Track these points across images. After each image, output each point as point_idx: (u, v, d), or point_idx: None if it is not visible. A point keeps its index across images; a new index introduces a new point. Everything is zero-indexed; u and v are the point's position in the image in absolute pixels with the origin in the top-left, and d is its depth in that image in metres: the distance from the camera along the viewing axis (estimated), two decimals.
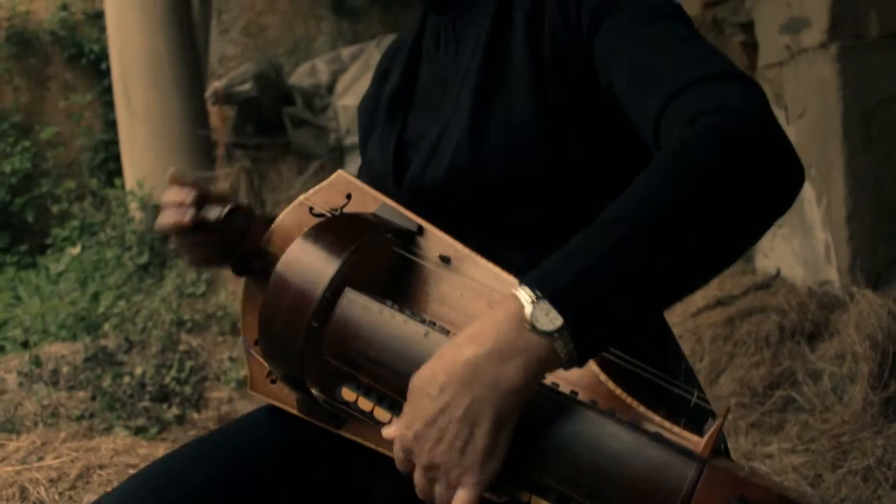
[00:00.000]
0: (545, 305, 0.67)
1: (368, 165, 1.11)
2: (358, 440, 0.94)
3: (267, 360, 0.91)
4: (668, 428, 0.72)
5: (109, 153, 7.45)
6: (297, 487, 0.98)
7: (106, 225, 5.65)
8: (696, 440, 0.70)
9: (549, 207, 0.95)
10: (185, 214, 0.94)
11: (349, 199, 0.99)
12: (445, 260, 0.91)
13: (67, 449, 2.10)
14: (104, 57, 7.04)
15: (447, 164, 0.95)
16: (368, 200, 0.97)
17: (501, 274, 0.88)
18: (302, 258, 0.84)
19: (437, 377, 0.70)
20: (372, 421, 0.83)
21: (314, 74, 5.92)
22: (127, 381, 3.12)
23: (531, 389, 0.69)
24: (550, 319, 0.67)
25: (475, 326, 0.70)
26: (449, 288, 0.90)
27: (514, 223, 0.97)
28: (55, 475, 1.93)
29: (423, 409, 0.70)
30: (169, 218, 0.96)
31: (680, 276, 0.71)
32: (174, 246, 1.22)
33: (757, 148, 0.74)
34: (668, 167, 0.73)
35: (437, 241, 0.92)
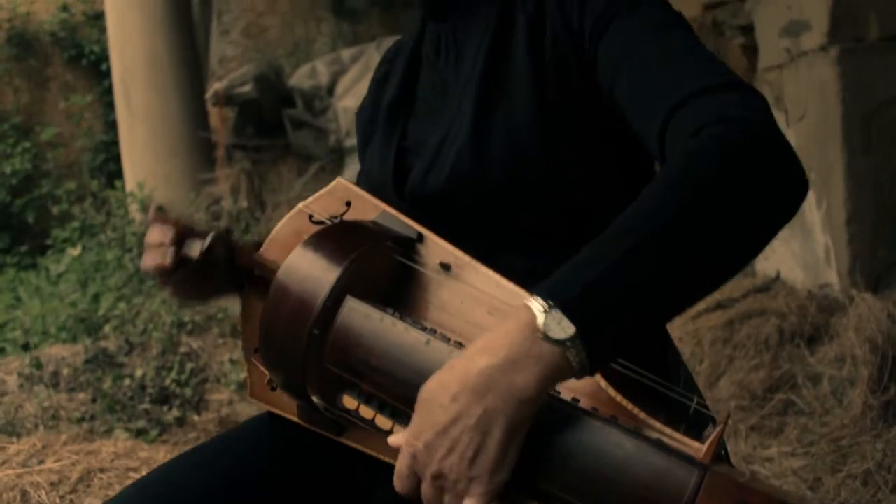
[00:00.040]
0: (557, 314, 0.68)
1: (368, 172, 1.11)
2: (358, 447, 0.93)
3: (267, 367, 0.90)
4: (668, 434, 0.72)
5: (110, 154, 7.45)
6: (297, 494, 0.98)
7: (106, 226, 5.66)
8: (696, 446, 0.70)
9: (549, 214, 0.95)
10: (166, 255, 0.94)
11: (349, 206, 0.99)
12: (446, 267, 0.91)
13: (68, 452, 2.11)
14: (104, 58, 7.05)
15: (449, 170, 0.95)
16: (368, 208, 0.97)
17: (502, 281, 0.87)
18: (302, 266, 0.84)
19: (449, 387, 0.70)
20: (373, 429, 0.83)
21: (314, 76, 5.92)
22: (127, 383, 3.12)
23: (542, 399, 0.70)
24: (563, 328, 0.67)
25: (487, 337, 0.70)
26: (449, 295, 0.90)
27: (514, 229, 0.97)
28: (56, 479, 1.93)
29: (433, 418, 0.70)
30: (151, 260, 0.95)
31: (688, 285, 0.72)
32: (162, 288, 1.21)
33: (760, 158, 0.74)
34: (673, 179, 0.74)
35: (437, 248, 0.92)
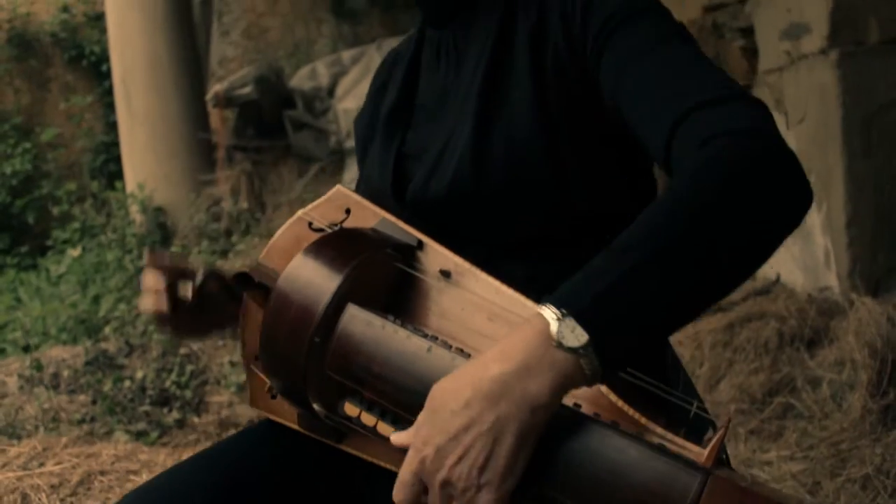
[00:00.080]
0: (571, 323, 0.69)
1: (367, 180, 1.11)
2: (358, 455, 0.93)
3: (268, 374, 0.91)
4: (670, 439, 0.72)
5: (110, 155, 7.45)
6: (298, 501, 0.98)
7: (107, 227, 5.66)
8: (697, 450, 0.71)
9: (550, 220, 0.96)
10: (161, 301, 1.00)
11: (348, 213, 0.99)
12: (446, 274, 0.91)
13: (68, 455, 2.11)
14: (105, 59, 7.05)
15: (450, 177, 0.95)
16: (367, 215, 0.98)
17: (502, 288, 0.88)
18: (303, 274, 0.84)
19: (461, 392, 0.70)
20: (375, 436, 0.83)
21: (315, 77, 5.92)
22: (128, 384, 3.12)
23: (556, 406, 0.70)
24: (576, 336, 0.69)
25: (501, 345, 0.71)
26: (449, 302, 0.90)
27: (515, 236, 0.97)
28: (56, 481, 1.94)
29: (444, 424, 0.70)
30: (150, 305, 1.01)
31: (695, 296, 0.74)
32: (161, 332, 1.34)
33: (765, 170, 0.76)
34: (681, 193, 0.75)
35: (437, 255, 0.92)
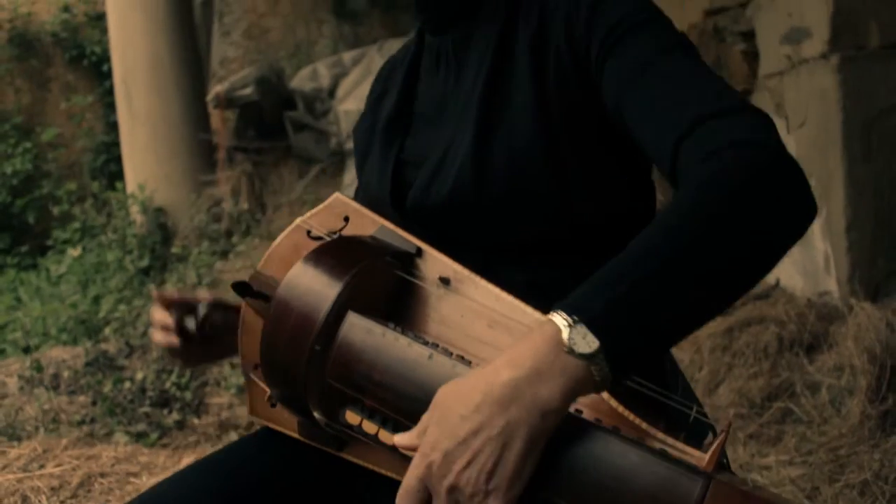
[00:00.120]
0: (582, 329, 0.69)
1: (366, 186, 1.11)
2: (359, 462, 0.93)
3: (268, 382, 0.90)
4: (671, 444, 0.73)
5: (110, 155, 7.46)
6: None
7: (107, 228, 5.66)
8: (698, 455, 0.71)
9: (551, 226, 0.96)
10: (171, 337, 1.07)
11: (347, 221, 0.99)
12: (445, 281, 0.91)
13: (69, 456, 2.11)
14: (106, 59, 7.06)
15: (451, 183, 0.95)
16: (366, 223, 0.97)
17: (501, 294, 0.88)
18: (303, 282, 0.84)
19: (471, 397, 0.70)
20: (376, 444, 0.83)
21: (315, 78, 5.92)
22: (128, 386, 3.12)
23: (565, 411, 0.71)
24: (587, 342, 0.69)
25: (510, 352, 0.72)
26: (449, 309, 0.90)
27: (516, 242, 0.97)
28: (57, 483, 1.94)
29: (453, 428, 0.70)
30: (161, 340, 1.09)
31: (703, 306, 0.75)
32: (172, 363, 1.46)
33: (770, 182, 0.76)
34: (688, 205, 0.76)
35: (436, 262, 0.93)
